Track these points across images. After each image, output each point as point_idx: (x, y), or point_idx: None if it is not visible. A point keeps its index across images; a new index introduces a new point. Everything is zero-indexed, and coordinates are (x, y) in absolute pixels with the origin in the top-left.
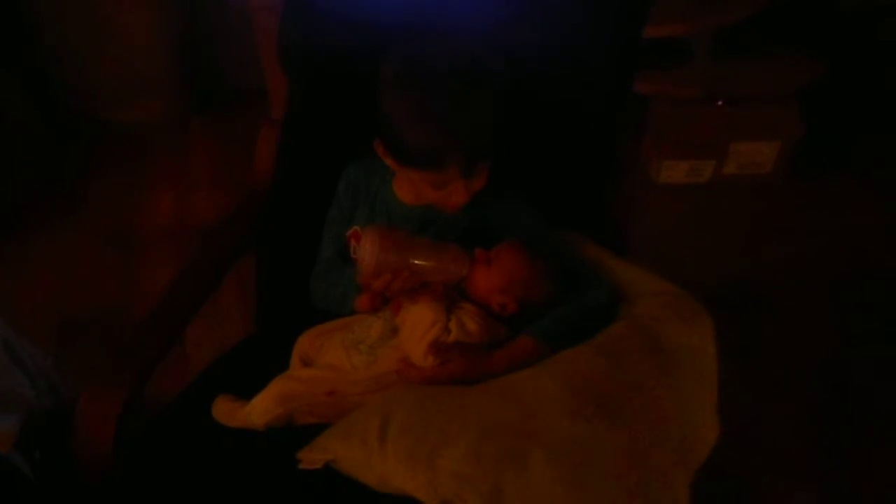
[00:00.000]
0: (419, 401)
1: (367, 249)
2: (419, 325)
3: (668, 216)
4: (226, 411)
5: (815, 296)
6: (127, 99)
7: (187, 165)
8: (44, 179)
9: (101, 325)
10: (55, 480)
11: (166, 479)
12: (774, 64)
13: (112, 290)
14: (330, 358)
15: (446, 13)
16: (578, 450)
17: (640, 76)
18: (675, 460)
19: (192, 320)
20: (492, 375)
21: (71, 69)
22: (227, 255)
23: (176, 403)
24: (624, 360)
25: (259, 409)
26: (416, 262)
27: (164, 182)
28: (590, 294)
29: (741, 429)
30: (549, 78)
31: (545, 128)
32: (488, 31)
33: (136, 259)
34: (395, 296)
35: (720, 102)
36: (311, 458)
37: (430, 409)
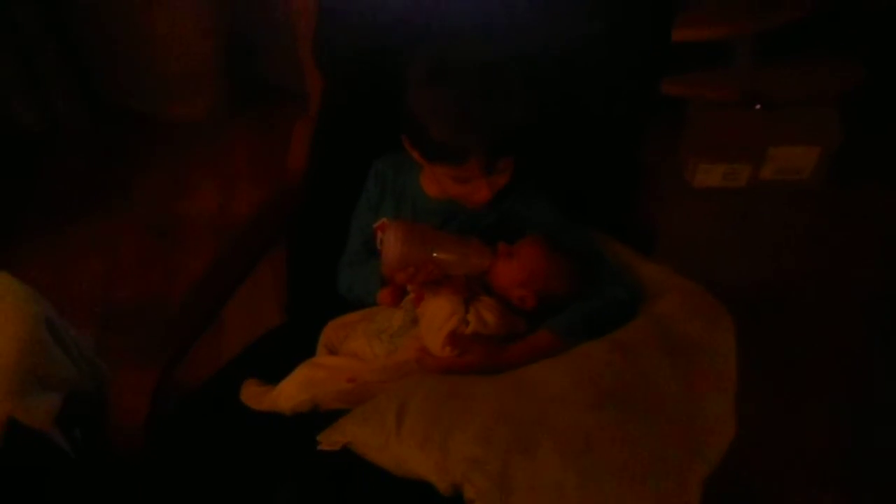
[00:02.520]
0: (435, 388)
1: (391, 242)
2: (438, 316)
3: (703, 220)
4: (253, 395)
5: (848, 306)
6: (173, 96)
7: (229, 161)
8: (90, 171)
9: (143, 313)
10: (94, 459)
11: (194, 457)
12: (815, 68)
13: (153, 279)
14: (353, 346)
15: (472, 16)
16: (589, 439)
17: (677, 78)
18: (688, 457)
19: (226, 305)
20: (508, 367)
21: (119, 66)
22: (260, 246)
23: (207, 386)
24: (639, 356)
25: (285, 394)
26: (439, 255)
27: (207, 176)
28: (610, 290)
29: (768, 432)
30: (573, 79)
31: (570, 127)
32: (513, 31)
33: (177, 249)
34: (418, 288)
35: (758, 106)
36: (331, 440)
37: (445, 396)
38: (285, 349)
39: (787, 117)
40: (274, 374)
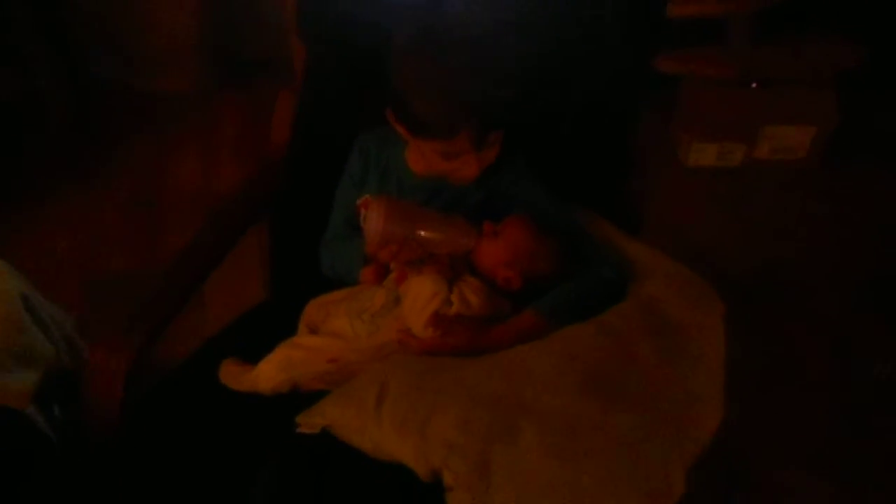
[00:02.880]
0: (416, 370)
1: (373, 219)
2: (420, 296)
3: (696, 200)
4: (232, 375)
5: (845, 289)
6: (157, 69)
7: (214, 135)
8: (72, 144)
9: (123, 287)
10: (74, 438)
11: (172, 439)
12: (812, 47)
13: (137, 252)
14: (334, 326)
15: None
16: (572, 425)
17: (671, 55)
18: (674, 444)
19: (205, 283)
20: (492, 349)
21: (103, 37)
22: (242, 222)
23: (185, 365)
24: (626, 339)
25: (264, 375)
26: (422, 233)
27: (190, 149)
28: (597, 272)
29: (764, 420)
30: (563, 52)
31: (558, 102)
32: (500, 3)
33: (158, 223)
34: (401, 266)
35: (754, 84)
36: (310, 422)
37: (425, 379)
38: (266, 328)
39: (783, 96)
40: (254, 354)
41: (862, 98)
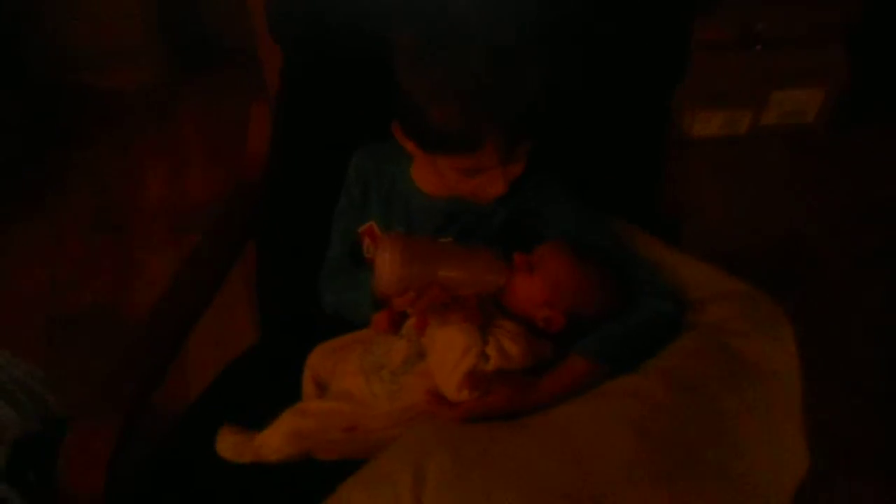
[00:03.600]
0: (457, 447)
1: (386, 263)
2: (450, 351)
3: (703, 174)
4: (232, 447)
5: (861, 261)
6: (107, 63)
7: (178, 137)
8: (18, 157)
9: (94, 320)
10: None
11: None
12: (817, 2)
13: (103, 279)
14: (347, 384)
15: None
16: None
17: None
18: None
19: (189, 335)
20: (539, 405)
21: (45, 30)
22: (225, 256)
23: (175, 435)
24: (703, 393)
25: (269, 447)
26: (445, 274)
27: (154, 156)
28: (651, 303)
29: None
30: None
31: (588, 103)
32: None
33: (126, 243)
34: (421, 313)
35: (759, 47)
36: None
37: (471, 460)
38: (262, 377)
39: (789, 57)
40: (253, 411)
41: (872, 56)
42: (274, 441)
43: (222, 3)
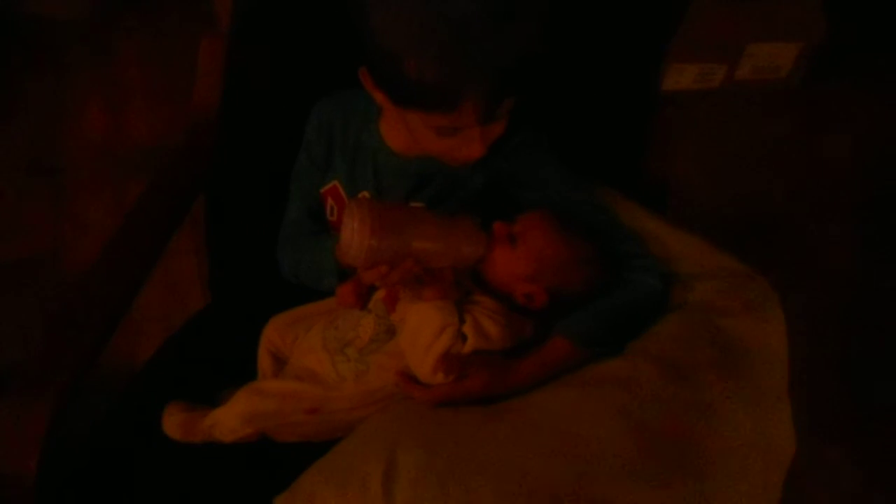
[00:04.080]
0: (431, 437)
1: (354, 233)
2: (424, 330)
3: (675, 129)
4: (181, 425)
5: (835, 218)
6: None
7: (118, 72)
8: None
9: (30, 270)
10: None
11: None
12: None
13: (39, 226)
14: (309, 361)
15: None
16: None
17: None
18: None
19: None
20: (518, 389)
21: None
22: (172, 211)
23: (117, 409)
24: (694, 382)
25: (224, 427)
26: (419, 245)
27: (92, 93)
28: (639, 279)
29: None
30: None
31: (574, 56)
32: None
33: (62, 188)
34: (392, 287)
35: None
36: None
37: (447, 450)
38: (212, 347)
39: (768, 9)
40: (202, 385)
41: (847, 10)
42: (229, 422)
43: None
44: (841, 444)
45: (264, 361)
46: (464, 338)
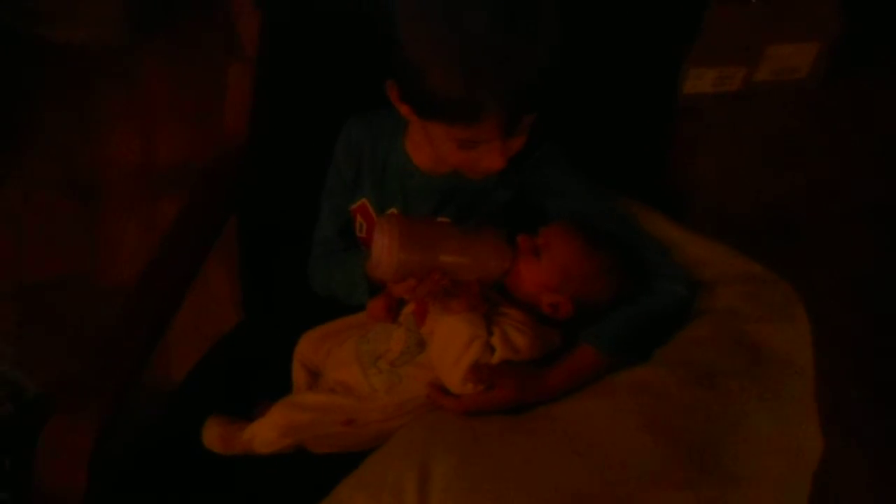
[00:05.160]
0: (463, 447)
1: (384, 249)
2: (453, 343)
3: (695, 132)
4: (220, 438)
5: (856, 221)
6: (66, 14)
7: (146, 95)
8: None
9: (66, 291)
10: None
11: None
12: None
13: (73, 248)
14: (342, 374)
15: None
16: None
17: None
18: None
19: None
20: (547, 398)
21: None
22: (208, 231)
23: (159, 424)
24: (720, 390)
25: (261, 440)
26: (446, 258)
27: (121, 116)
28: (664, 287)
29: None
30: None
31: (593, 68)
32: None
33: (96, 210)
34: (421, 301)
35: (754, 0)
36: None
37: (479, 461)
38: (248, 362)
39: (783, 12)
40: (241, 398)
41: (864, 9)
42: (267, 434)
43: None
44: (867, 447)
45: (299, 375)
46: (492, 349)
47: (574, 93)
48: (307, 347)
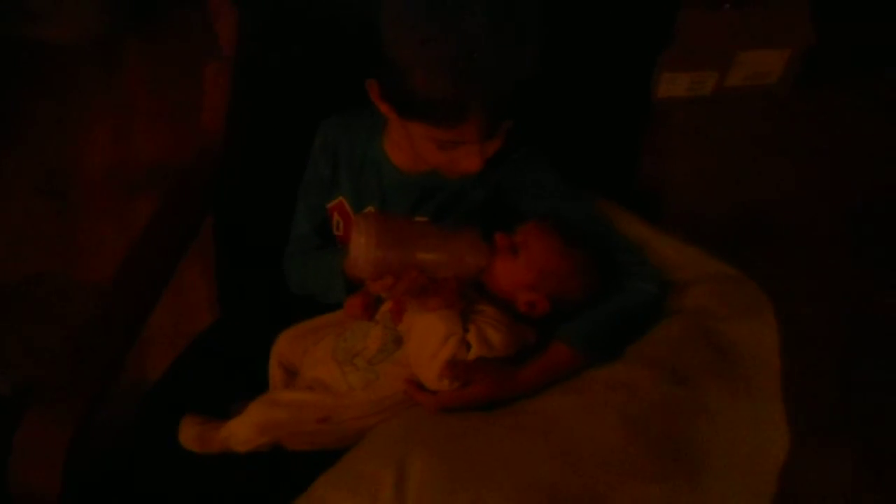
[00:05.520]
0: (440, 444)
1: (361, 246)
2: (429, 340)
3: (668, 136)
4: (196, 437)
5: (828, 223)
6: (45, 12)
7: (123, 94)
8: None
9: (42, 288)
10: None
11: None
12: None
13: (50, 245)
14: (319, 372)
15: None
16: None
17: None
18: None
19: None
20: (520, 393)
21: None
22: (184, 230)
23: (135, 424)
24: (691, 386)
25: (238, 438)
26: (423, 256)
27: (98, 114)
28: (637, 286)
29: None
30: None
31: (569, 69)
32: None
33: (72, 209)
34: (398, 298)
35: (727, 5)
36: None
37: (456, 457)
38: (223, 360)
39: (757, 16)
40: (217, 396)
41: (833, 15)
42: (244, 432)
43: None
44: (838, 446)
45: (276, 374)
46: (468, 346)
47: (550, 95)
48: (284, 346)
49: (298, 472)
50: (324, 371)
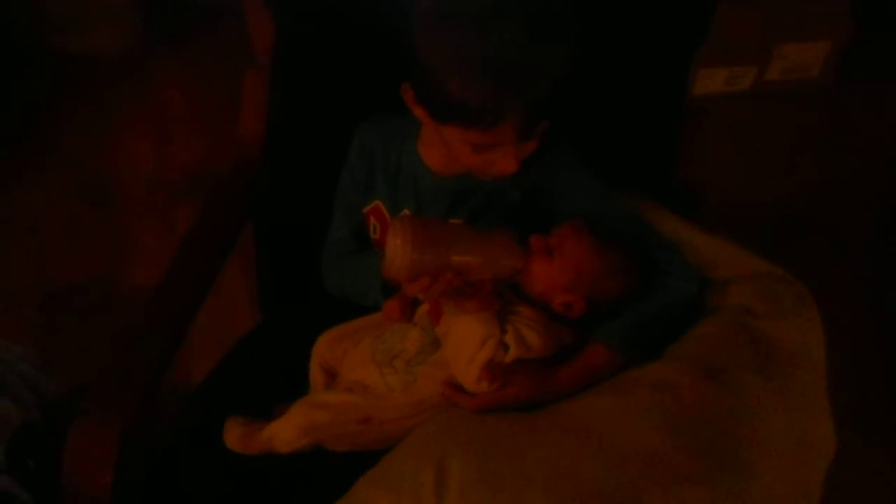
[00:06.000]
0: (479, 444)
1: (397, 249)
2: (468, 342)
3: (707, 132)
4: (240, 438)
5: (869, 219)
6: (81, 23)
7: (162, 102)
8: None
9: (88, 295)
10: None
11: None
12: None
13: (94, 253)
14: (358, 374)
15: None
16: None
17: None
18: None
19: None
20: (559, 395)
21: None
22: (225, 236)
23: (180, 425)
24: (733, 386)
25: (281, 439)
26: (459, 258)
27: (137, 123)
28: (674, 285)
29: None
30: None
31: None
32: None
33: (115, 216)
34: (435, 300)
35: None
36: None
37: (496, 458)
38: (266, 363)
39: (794, 10)
40: (260, 398)
41: (875, 8)
42: (286, 433)
43: None
44: (884, 446)
45: (316, 376)
46: (506, 347)
47: (585, 93)
48: (324, 348)
49: (340, 472)
50: (363, 373)
